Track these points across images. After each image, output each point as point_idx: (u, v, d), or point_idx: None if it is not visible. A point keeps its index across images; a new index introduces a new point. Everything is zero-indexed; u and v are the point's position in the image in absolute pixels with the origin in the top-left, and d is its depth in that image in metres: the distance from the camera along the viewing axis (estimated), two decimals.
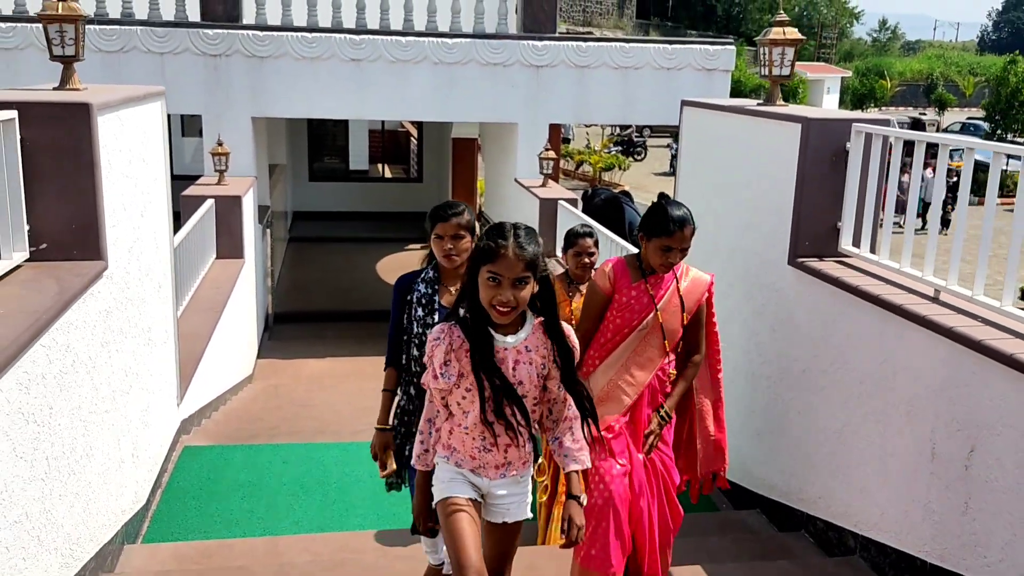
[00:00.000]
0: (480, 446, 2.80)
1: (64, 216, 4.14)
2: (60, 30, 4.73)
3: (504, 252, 2.60)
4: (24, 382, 3.23)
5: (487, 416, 2.71)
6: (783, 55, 5.28)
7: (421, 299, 3.53)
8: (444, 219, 3.39)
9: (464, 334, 2.72)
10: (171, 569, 4.37)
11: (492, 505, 2.89)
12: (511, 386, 2.71)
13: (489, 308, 2.65)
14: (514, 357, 2.73)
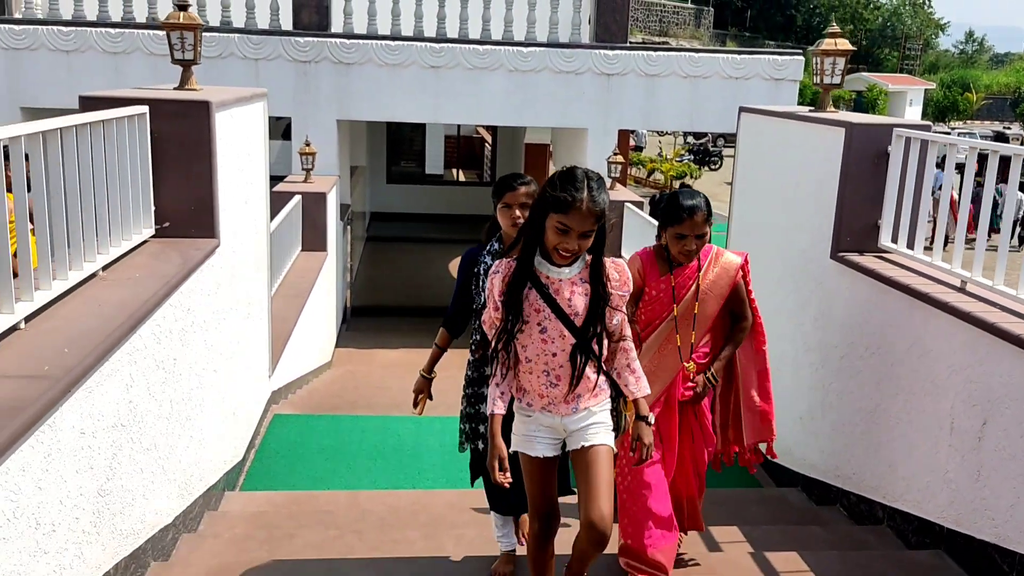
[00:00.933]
0: (546, 382, 2.85)
1: (184, 199, 4.78)
2: (181, 37, 5.38)
3: (578, 206, 2.65)
4: (157, 334, 3.85)
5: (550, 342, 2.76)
6: (834, 64, 5.65)
7: (487, 271, 3.46)
8: (512, 188, 3.45)
9: (517, 265, 2.82)
10: (266, 510, 4.96)
11: (570, 436, 2.94)
12: (566, 315, 2.78)
13: (552, 250, 2.74)
14: (569, 288, 2.80)
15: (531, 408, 2.92)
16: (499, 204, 3.48)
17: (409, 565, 3.90)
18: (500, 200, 3.48)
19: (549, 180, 2.75)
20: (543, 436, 2.94)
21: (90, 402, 3.04)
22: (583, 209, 2.64)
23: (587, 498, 2.86)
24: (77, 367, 2.89)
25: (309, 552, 4.12)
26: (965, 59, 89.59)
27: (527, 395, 2.92)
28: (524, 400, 2.93)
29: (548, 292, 2.80)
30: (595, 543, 2.87)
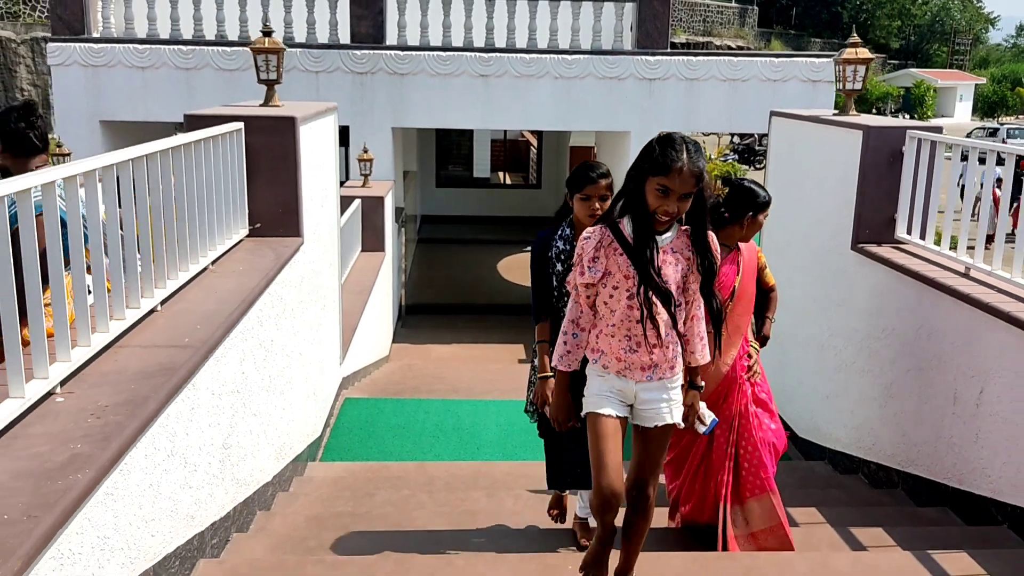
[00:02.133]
0: (626, 347, 2.87)
1: (274, 202, 5.46)
2: (266, 59, 6.08)
3: (679, 167, 2.68)
4: (260, 318, 4.51)
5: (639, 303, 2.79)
6: (855, 72, 6.16)
7: (560, 255, 3.64)
8: (593, 182, 3.49)
9: (614, 234, 2.84)
10: (345, 476, 5.62)
11: (641, 410, 2.95)
12: (661, 281, 2.80)
13: (652, 214, 2.77)
14: (661, 256, 2.82)
15: (607, 371, 2.93)
16: (578, 195, 3.52)
17: (474, 516, 4.51)
18: (580, 191, 3.52)
19: (647, 145, 2.80)
20: (615, 397, 2.94)
21: (218, 369, 3.70)
22: (683, 170, 2.67)
23: (636, 467, 2.97)
24: (209, 340, 3.55)
25: (387, 507, 4.76)
26: (1016, 53, 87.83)
27: (604, 356, 2.93)
28: (600, 362, 2.95)
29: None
30: (641, 509, 2.96)
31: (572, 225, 3.69)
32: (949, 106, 62.79)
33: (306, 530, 4.20)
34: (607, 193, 3.48)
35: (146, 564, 2.92)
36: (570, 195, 3.61)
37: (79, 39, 12.44)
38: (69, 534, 2.30)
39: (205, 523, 3.59)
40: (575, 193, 3.56)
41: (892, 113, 59.69)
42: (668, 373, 2.92)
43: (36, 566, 2.11)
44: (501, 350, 12.87)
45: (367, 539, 4.04)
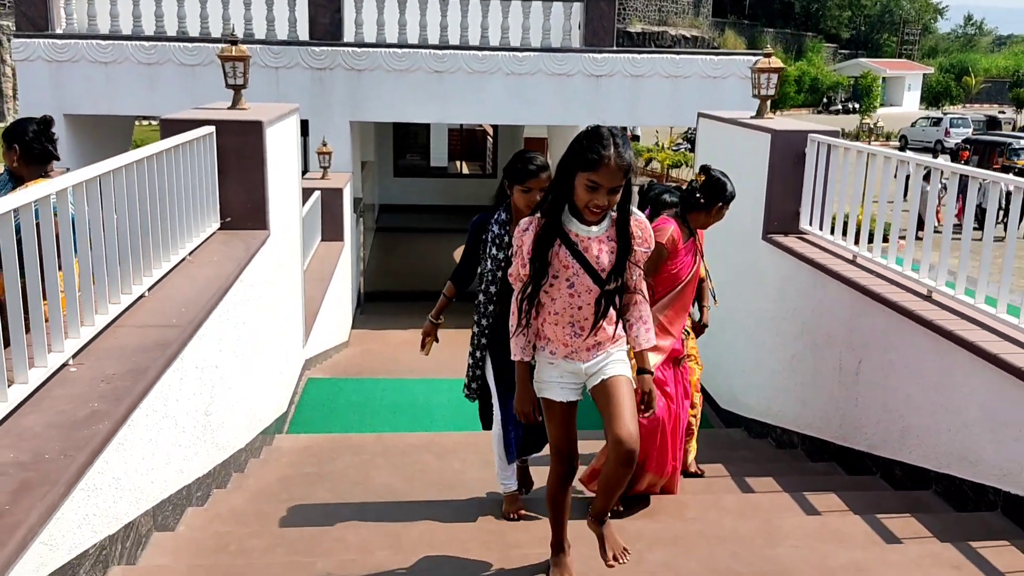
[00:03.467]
0: (570, 332, 2.99)
1: (243, 198, 6.01)
2: (233, 66, 6.60)
3: (607, 163, 2.73)
4: (233, 303, 5.08)
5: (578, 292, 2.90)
6: (768, 79, 6.86)
7: (496, 239, 3.85)
8: (534, 175, 3.66)
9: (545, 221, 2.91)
10: (310, 445, 6.21)
11: (593, 375, 3.05)
12: (595, 270, 2.89)
13: (583, 208, 2.84)
14: (598, 245, 2.91)
15: (555, 356, 3.04)
16: (519, 187, 3.70)
17: (424, 474, 5.15)
18: (522, 184, 3.69)
19: (575, 140, 2.84)
20: (566, 382, 3.06)
21: (201, 345, 4.28)
22: (611, 165, 2.73)
23: (612, 418, 2.96)
24: (194, 320, 4.13)
25: (348, 469, 5.36)
26: (964, 43, 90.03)
27: (550, 343, 3.04)
28: (548, 348, 3.06)
29: (578, 249, 2.90)
30: (624, 460, 2.93)
31: (508, 210, 3.86)
32: (898, 95, 64.42)
33: (277, 487, 4.81)
34: (546, 184, 3.59)
35: (147, 505, 3.51)
36: (509, 185, 3.77)
37: (43, 35, 12.76)
38: (93, 472, 2.89)
39: (191, 477, 4.18)
40: (515, 185, 3.72)
41: (842, 102, 61.22)
42: (611, 345, 3.04)
43: (73, 493, 2.70)
44: (455, 335, 13.34)
45: (331, 492, 4.66)
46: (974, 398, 4.06)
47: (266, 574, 3.16)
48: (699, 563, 3.33)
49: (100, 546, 2.97)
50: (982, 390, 4.00)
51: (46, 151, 4.13)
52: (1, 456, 2.70)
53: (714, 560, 3.34)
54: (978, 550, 3.31)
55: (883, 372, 4.86)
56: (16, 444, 2.77)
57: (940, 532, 3.64)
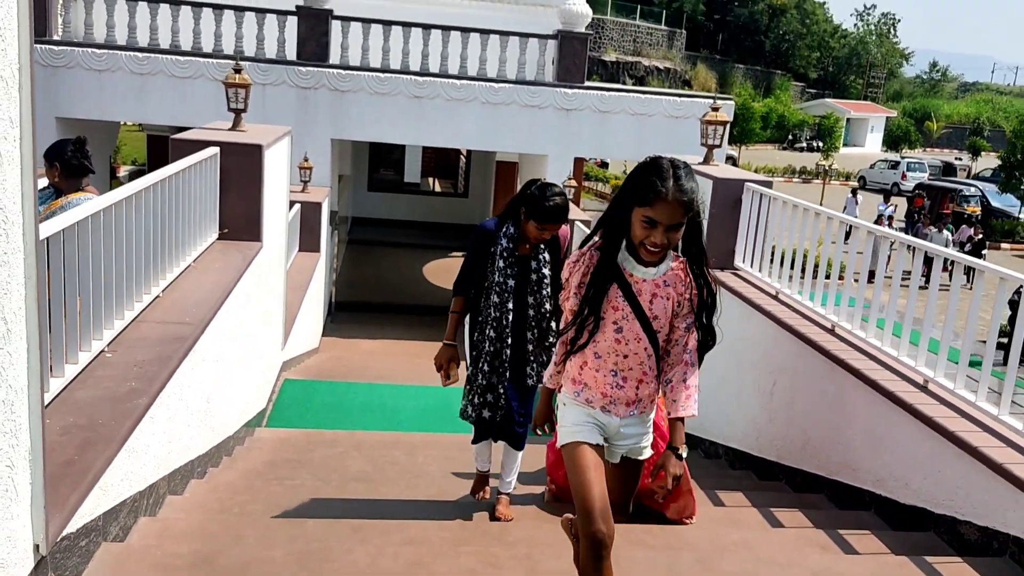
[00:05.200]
0: (612, 382, 2.76)
1: (240, 212, 6.70)
2: (236, 92, 7.31)
3: (664, 198, 2.49)
4: (233, 305, 5.77)
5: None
6: (715, 130, 7.70)
7: (503, 252, 3.98)
8: (555, 221, 3.80)
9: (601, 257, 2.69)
10: (288, 438, 6.89)
11: (617, 444, 2.86)
12: (647, 317, 2.67)
13: (639, 245, 2.60)
14: (651, 290, 2.68)
15: (590, 405, 2.82)
16: (535, 223, 3.86)
17: (394, 466, 5.86)
18: (539, 223, 3.85)
19: (633, 172, 2.62)
20: (596, 426, 2.84)
21: (208, 340, 4.97)
22: (669, 199, 2.49)
23: (615, 495, 2.90)
24: (205, 318, 4.82)
25: (325, 458, 6.06)
26: (928, 88, 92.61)
27: (587, 390, 2.82)
28: (583, 395, 2.83)
29: (631, 291, 2.69)
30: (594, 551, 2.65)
31: (518, 225, 3.97)
32: (861, 136, 66.32)
33: (263, 468, 5.50)
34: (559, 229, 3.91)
35: (166, 471, 4.20)
36: (526, 214, 3.87)
37: (40, 40, 13.31)
38: (133, 438, 3.57)
39: (195, 454, 4.86)
40: (532, 219, 3.84)
41: (807, 140, 62.95)
42: (649, 407, 2.87)
43: (120, 452, 3.39)
44: (423, 346, 14.14)
45: (311, 475, 5.35)
46: (858, 417, 4.87)
47: (266, 529, 3.85)
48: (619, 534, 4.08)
49: (134, 498, 3.66)
50: (864, 410, 4.81)
51: (83, 166, 4.81)
52: (63, 421, 3.37)
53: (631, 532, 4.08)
54: (844, 536, 4.10)
55: (791, 393, 5.67)
56: (74, 412, 3.46)
57: (817, 522, 4.43)
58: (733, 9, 71.83)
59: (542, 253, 4.12)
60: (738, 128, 42.92)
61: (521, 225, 3.97)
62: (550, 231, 3.93)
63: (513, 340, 4.09)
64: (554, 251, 4.18)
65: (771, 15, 73.63)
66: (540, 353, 4.18)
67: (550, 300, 4.12)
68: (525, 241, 4.02)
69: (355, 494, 4.81)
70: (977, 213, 29.05)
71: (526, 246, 4.03)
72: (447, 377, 4.24)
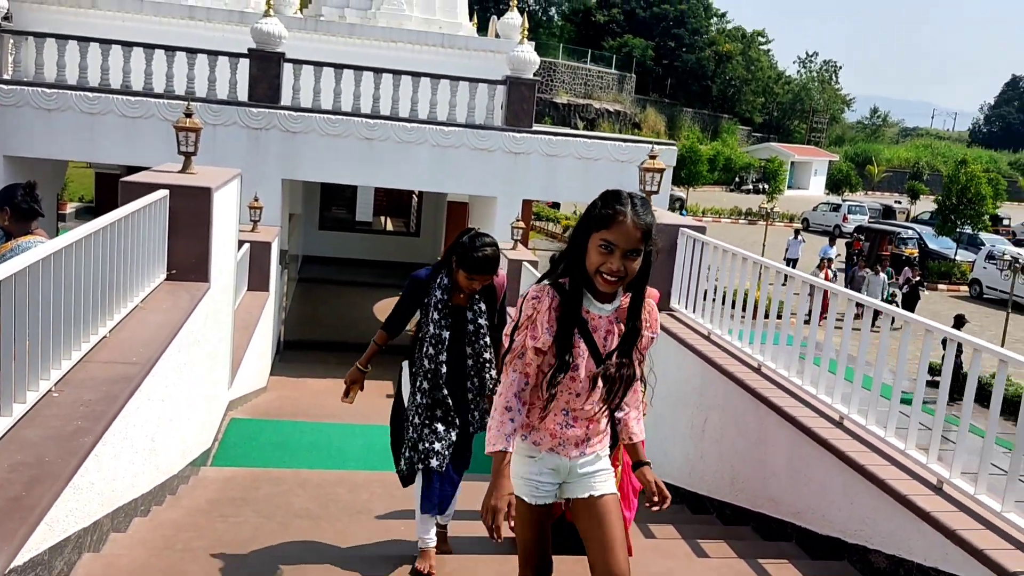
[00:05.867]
0: (562, 422, 2.69)
1: (189, 253, 6.82)
2: (187, 135, 7.45)
3: (622, 219, 2.47)
4: (179, 346, 5.88)
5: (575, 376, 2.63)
6: (653, 177, 8.03)
7: (438, 304, 3.97)
8: (484, 272, 3.83)
9: (560, 296, 2.61)
10: (233, 476, 6.95)
11: (574, 482, 2.77)
12: (600, 356, 2.62)
13: (594, 275, 2.53)
14: (605, 327, 2.64)
15: (538, 448, 2.73)
16: (464, 272, 3.91)
17: (337, 503, 5.97)
18: (468, 273, 3.89)
19: (593, 202, 2.62)
20: (545, 480, 2.75)
21: (154, 380, 5.07)
22: (628, 222, 2.48)
23: (605, 551, 2.69)
24: (151, 359, 4.93)
25: (270, 495, 6.15)
26: (869, 133, 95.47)
27: (535, 433, 2.73)
28: (530, 438, 2.74)
29: (587, 329, 2.64)
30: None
31: (451, 275, 3.99)
32: (805, 179, 68.08)
33: (207, 506, 5.58)
34: (490, 280, 3.95)
35: (110, 508, 4.28)
36: (456, 263, 3.89)
37: None
38: (79, 475, 3.68)
39: (139, 492, 4.94)
40: (462, 268, 3.86)
41: (753, 182, 64.45)
42: (599, 446, 2.80)
43: (66, 489, 3.50)
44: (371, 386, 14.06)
45: (255, 512, 5.45)
46: (780, 452, 5.14)
47: (208, 566, 3.96)
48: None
49: (79, 534, 3.75)
50: (786, 446, 5.08)
51: (32, 210, 4.92)
52: (11, 458, 3.48)
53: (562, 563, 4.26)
54: (764, 565, 4.33)
55: (721, 430, 5.93)
56: (21, 449, 3.56)
57: (741, 553, 4.65)
58: (681, 55, 73.63)
59: (477, 303, 4.12)
60: (686, 170, 43.87)
61: (453, 273, 4.00)
62: (480, 281, 3.97)
63: (450, 391, 4.08)
64: (490, 300, 4.18)
65: (717, 61, 75.59)
66: (482, 402, 4.19)
67: (489, 349, 4.13)
68: (459, 291, 4.04)
69: (298, 531, 4.92)
70: (915, 255, 30.04)
71: (461, 296, 4.05)
72: (346, 395, 4.49)
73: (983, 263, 27.86)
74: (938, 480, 4.16)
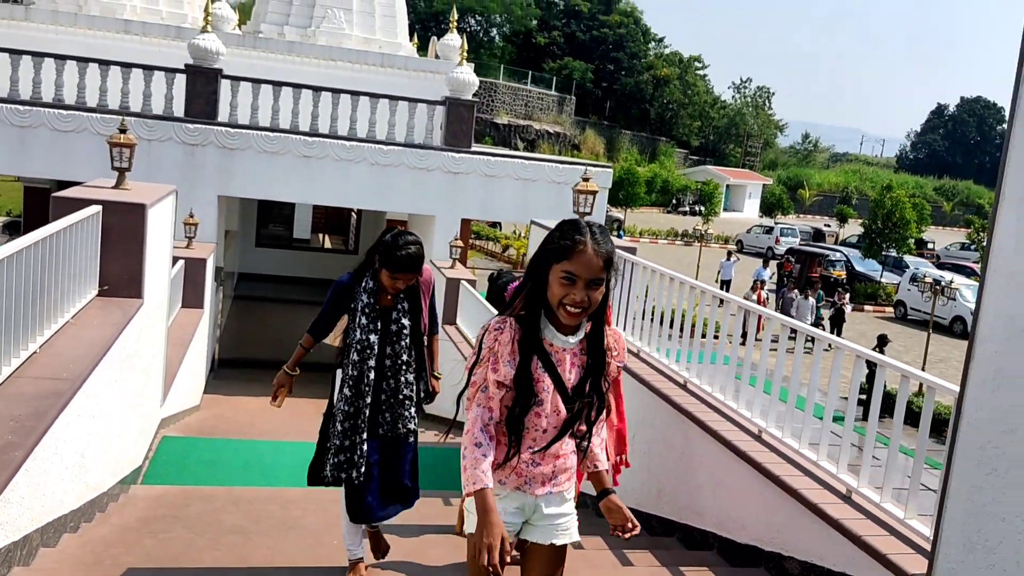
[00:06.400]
0: (528, 459, 2.63)
1: (122, 270, 6.79)
2: (120, 151, 7.43)
3: (582, 249, 2.44)
4: (111, 361, 5.85)
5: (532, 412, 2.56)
6: (586, 199, 8.25)
7: (364, 308, 3.92)
8: (408, 270, 3.76)
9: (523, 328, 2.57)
10: (163, 494, 6.90)
11: (539, 526, 2.70)
12: (566, 389, 2.58)
13: (558, 307, 2.49)
14: (570, 360, 2.59)
15: (503, 487, 2.66)
16: (387, 271, 3.85)
17: (270, 519, 5.99)
18: (392, 272, 3.83)
19: (550, 232, 2.59)
20: (510, 520, 2.66)
21: (84, 397, 5.06)
22: (588, 252, 2.45)
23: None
24: (81, 375, 4.93)
25: (201, 513, 6.14)
26: (802, 158, 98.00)
27: (500, 471, 2.65)
28: (496, 476, 2.63)
29: (551, 361, 2.59)
30: None
31: (376, 278, 3.94)
32: (740, 202, 69.62)
33: (137, 524, 5.55)
34: (413, 280, 3.89)
35: (39, 523, 4.27)
36: (379, 263, 3.85)
37: None
38: (9, 488, 3.68)
39: (69, 508, 4.91)
40: (385, 268, 3.81)
41: (690, 204, 65.68)
42: (567, 485, 2.74)
43: None
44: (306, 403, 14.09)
45: (186, 529, 5.45)
46: (703, 465, 5.34)
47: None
48: None
49: (8, 548, 3.75)
50: (708, 458, 5.28)
51: None
52: None
53: None
54: (685, 573, 4.50)
55: (649, 444, 6.12)
56: None
57: (664, 562, 4.83)
58: (620, 78, 74.88)
59: (402, 302, 4.06)
60: (624, 192, 44.58)
61: (378, 277, 3.94)
62: (404, 280, 3.90)
63: (372, 397, 4.04)
64: (414, 299, 4.12)
65: (655, 85, 77.02)
66: (395, 405, 4.12)
67: (408, 351, 4.07)
68: (385, 292, 3.98)
69: (229, 547, 4.95)
70: (842, 277, 30.97)
71: (388, 298, 3.98)
72: (274, 399, 4.45)
73: (907, 285, 28.85)
74: (847, 489, 4.39)
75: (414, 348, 4.15)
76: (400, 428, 4.17)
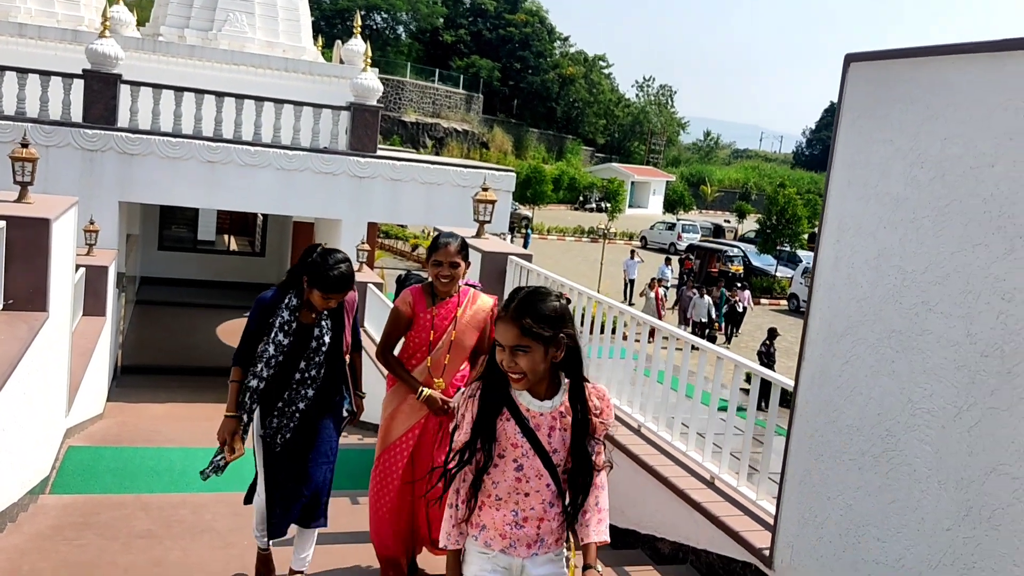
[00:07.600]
0: (512, 521, 2.65)
1: (26, 284, 6.89)
2: (23, 165, 7.49)
3: (501, 316, 2.54)
4: (20, 375, 5.99)
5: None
6: (485, 208, 8.66)
7: (284, 326, 3.86)
8: (340, 290, 3.80)
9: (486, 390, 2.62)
10: (72, 503, 7.02)
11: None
12: (546, 452, 2.60)
13: (506, 371, 2.55)
14: (549, 423, 2.62)
15: (490, 548, 2.68)
16: (318, 291, 3.84)
17: (181, 523, 6.22)
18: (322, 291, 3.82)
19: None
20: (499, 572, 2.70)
21: None
22: (506, 320, 2.52)
23: None
24: None
25: (113, 521, 6.31)
26: (704, 155, 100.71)
27: (486, 531, 2.69)
28: (481, 537, 2.69)
29: (528, 426, 2.63)
30: None
31: (300, 295, 3.90)
32: (644, 198, 71.30)
33: (49, 531, 5.72)
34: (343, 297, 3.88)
35: None
36: (309, 283, 3.80)
37: None
38: None
39: None
40: (316, 288, 3.77)
41: (596, 201, 66.99)
42: (555, 546, 2.73)
43: None
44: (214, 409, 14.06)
45: (98, 535, 5.64)
46: None
47: None
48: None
49: None
50: None
51: None
52: None
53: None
54: None
55: None
56: None
57: None
58: (526, 76, 75.66)
59: (325, 319, 4.03)
60: (532, 190, 45.31)
61: (304, 294, 3.91)
62: (336, 300, 3.88)
63: (261, 407, 4.05)
64: (337, 318, 4.10)
65: (561, 83, 78.09)
66: (283, 418, 4.08)
67: (319, 368, 4.05)
68: (310, 310, 3.94)
69: (142, 550, 5.18)
70: (740, 272, 32.26)
71: (312, 315, 3.95)
72: (231, 451, 4.03)
73: (800, 279, 30.25)
74: (711, 476, 4.93)
75: (333, 366, 4.14)
76: (279, 440, 4.13)
